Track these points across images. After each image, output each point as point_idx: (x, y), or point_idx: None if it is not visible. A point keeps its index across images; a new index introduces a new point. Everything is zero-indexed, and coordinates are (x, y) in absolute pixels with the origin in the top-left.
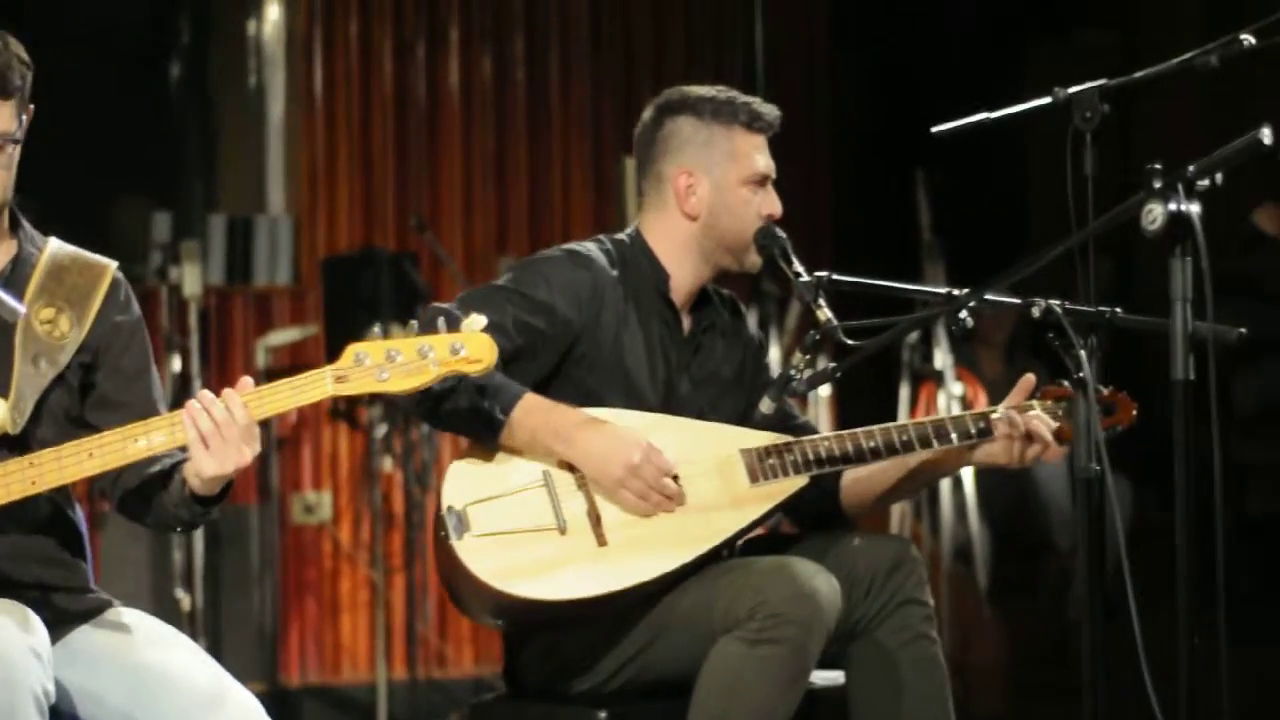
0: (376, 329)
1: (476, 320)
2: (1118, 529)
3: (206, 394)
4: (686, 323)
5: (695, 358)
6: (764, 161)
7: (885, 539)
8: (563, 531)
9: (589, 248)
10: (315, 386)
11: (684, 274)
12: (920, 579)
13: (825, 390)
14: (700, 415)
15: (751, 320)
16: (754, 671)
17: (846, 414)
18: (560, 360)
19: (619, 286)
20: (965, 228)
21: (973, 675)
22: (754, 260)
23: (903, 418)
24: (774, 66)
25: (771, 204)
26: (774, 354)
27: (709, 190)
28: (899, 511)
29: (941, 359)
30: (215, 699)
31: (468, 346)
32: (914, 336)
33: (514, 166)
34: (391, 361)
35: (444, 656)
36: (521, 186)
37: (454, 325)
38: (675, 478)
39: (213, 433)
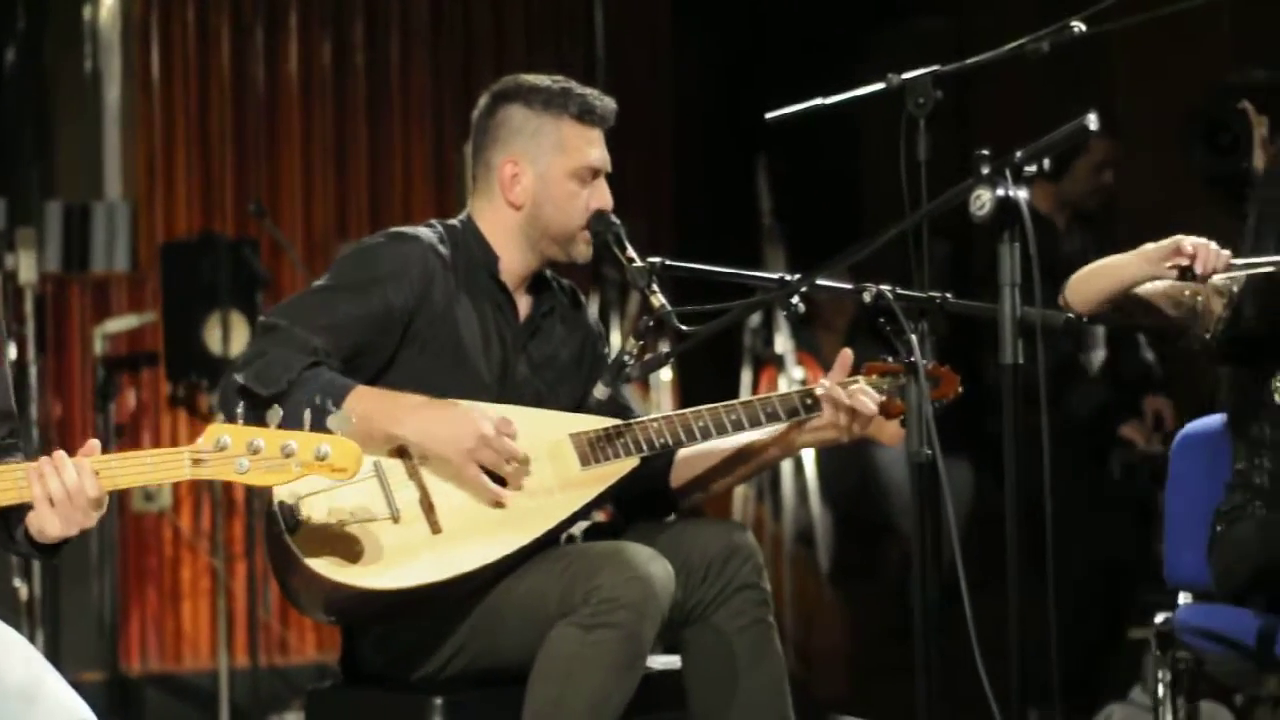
0: (215, 316)
1: (343, 420)
2: (949, 512)
3: (60, 455)
4: (523, 306)
5: (533, 341)
6: (594, 155)
7: (720, 525)
8: (395, 520)
9: (417, 229)
10: (171, 468)
11: (513, 259)
12: (756, 564)
13: (667, 375)
14: (538, 398)
15: (593, 306)
16: (589, 657)
17: (689, 398)
18: (396, 345)
19: (449, 266)
20: (805, 213)
21: (815, 657)
22: (581, 250)
23: None
24: (615, 52)
25: (601, 198)
26: (615, 339)
27: (533, 180)
28: (741, 495)
29: (782, 343)
30: (28, 695)
31: (334, 453)
32: (756, 320)
33: (354, 152)
34: (254, 453)
35: (286, 644)
36: (361, 172)
37: (319, 422)
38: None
39: (62, 499)
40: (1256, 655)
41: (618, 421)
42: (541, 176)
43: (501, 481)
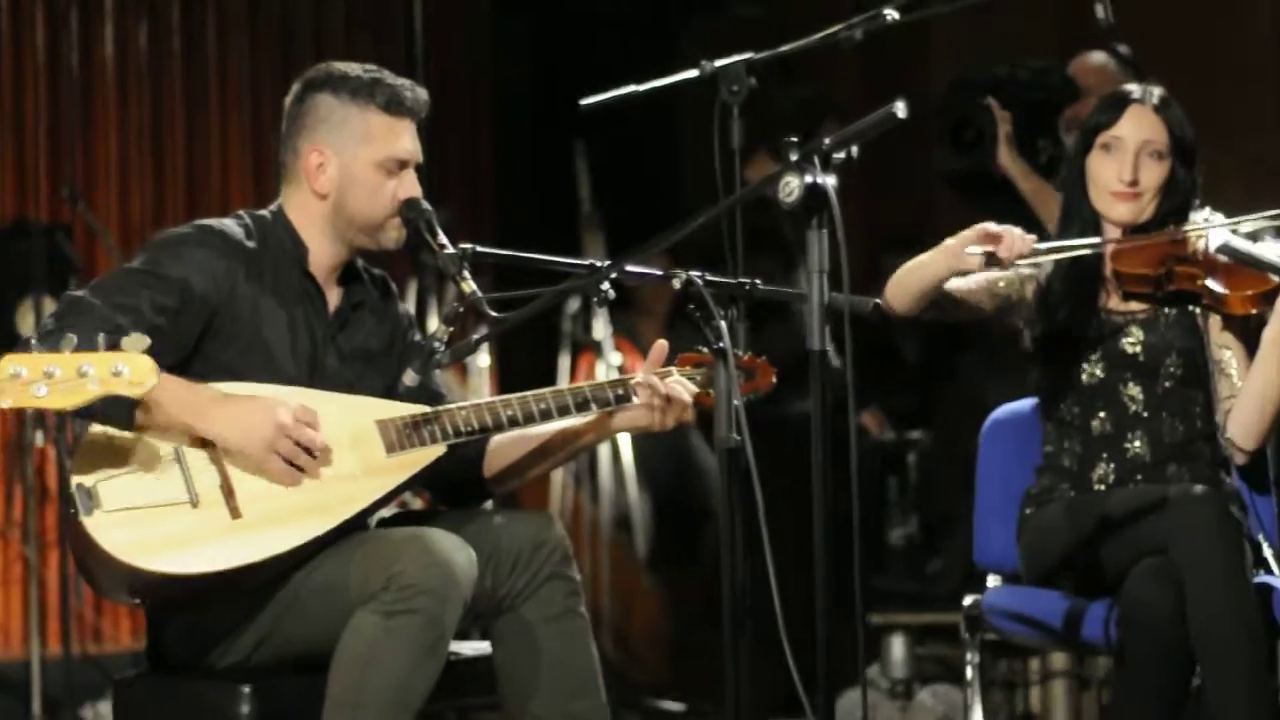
0: (29, 303)
1: (138, 340)
2: (759, 497)
3: None
4: (334, 298)
5: (343, 333)
6: (401, 146)
7: (529, 515)
8: (194, 505)
9: (224, 223)
10: None
11: (322, 249)
12: (565, 554)
13: (485, 360)
14: (348, 390)
15: (411, 292)
16: (389, 642)
17: (508, 383)
18: (199, 337)
19: (257, 260)
20: (625, 199)
21: (634, 642)
22: (391, 237)
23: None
24: (436, 40)
25: (408, 188)
26: (434, 325)
27: (338, 170)
28: (559, 481)
29: (600, 329)
30: None
31: (129, 368)
32: (575, 306)
33: (171, 138)
34: (49, 378)
35: (100, 632)
36: (178, 158)
37: (114, 342)
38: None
39: None
40: (1063, 637)
41: (426, 408)
42: (347, 166)
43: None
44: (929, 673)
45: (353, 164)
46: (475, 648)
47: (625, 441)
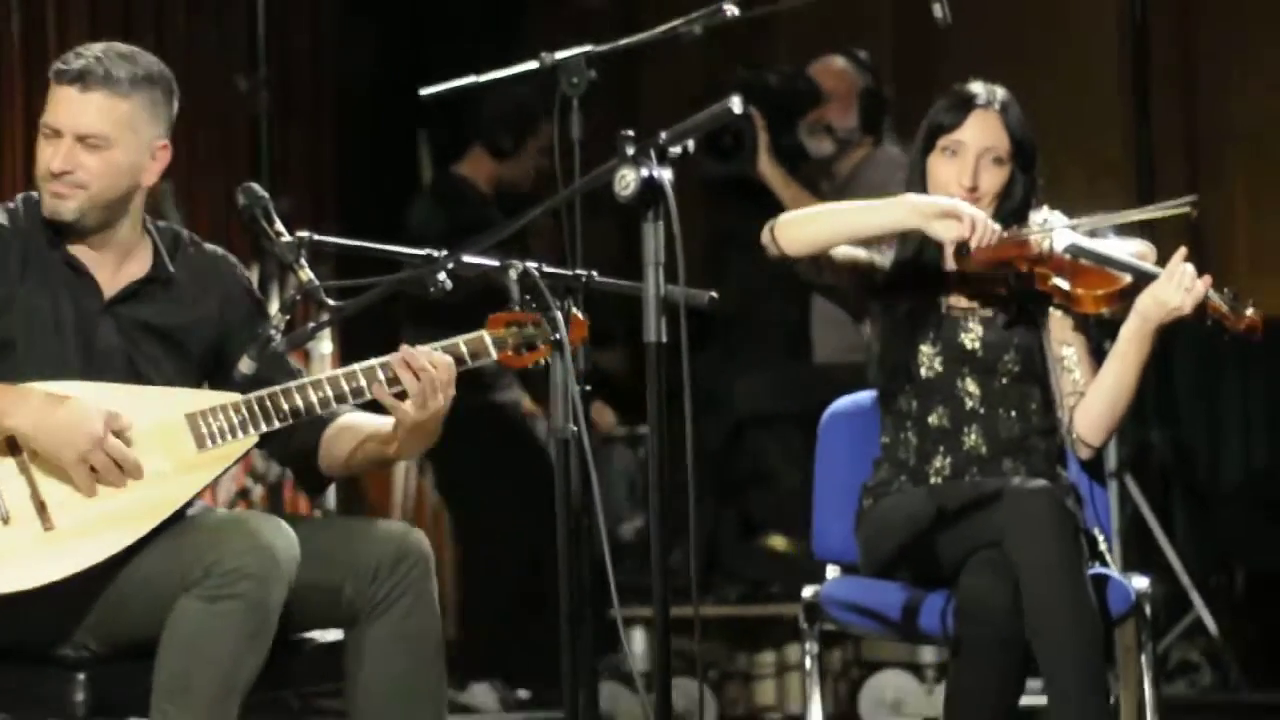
0: None
1: None
2: (594, 487)
3: None
4: (121, 274)
5: (126, 304)
6: (50, 113)
7: (393, 526)
8: (5, 521)
9: None
10: None
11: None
12: (426, 569)
13: (327, 348)
14: (130, 363)
15: (253, 279)
16: (214, 628)
17: None
18: None
19: (17, 241)
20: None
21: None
22: (48, 205)
23: None
24: (277, 26)
25: (52, 158)
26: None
27: None
28: (402, 467)
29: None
30: None
31: None
32: None
33: (9, 121)
34: None
35: None
36: (18, 142)
37: None
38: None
39: None
40: (900, 628)
41: (235, 397)
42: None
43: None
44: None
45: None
46: (315, 636)
47: None
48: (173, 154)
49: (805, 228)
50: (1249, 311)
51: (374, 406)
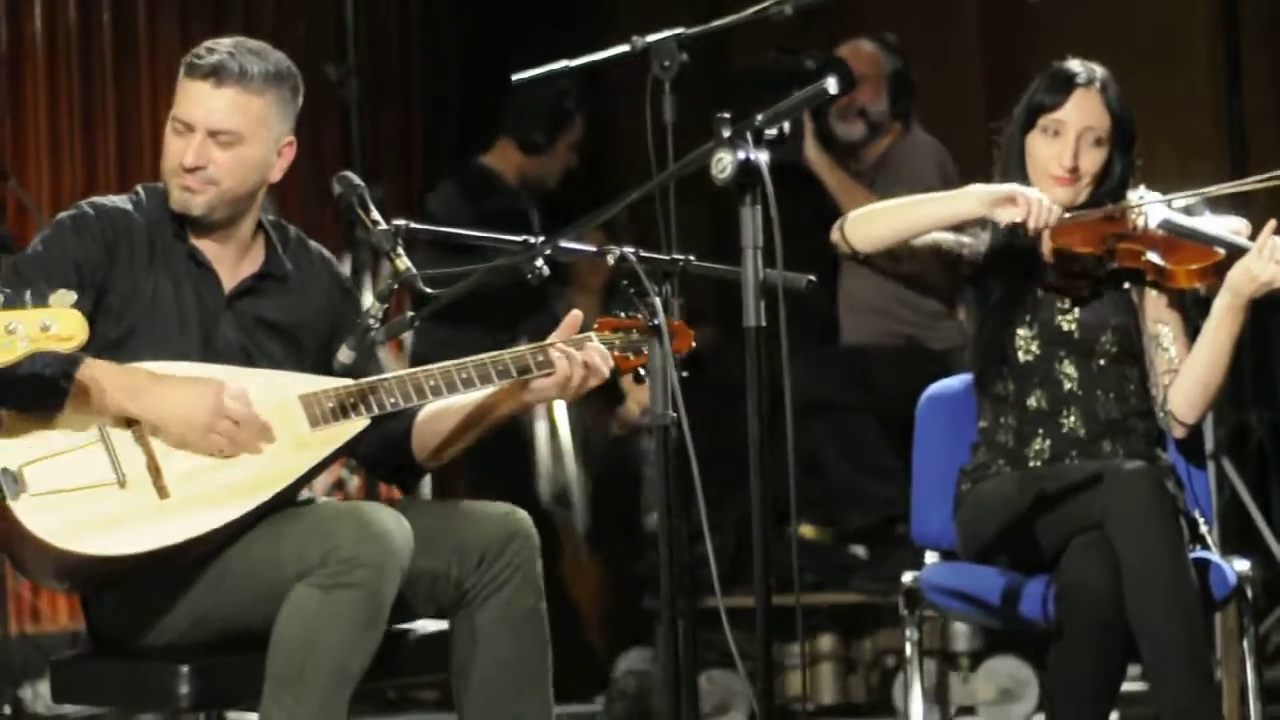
0: None
1: (65, 296)
2: (694, 473)
3: None
4: (241, 267)
5: (241, 301)
6: (185, 108)
7: (498, 508)
8: (122, 485)
9: (111, 198)
10: None
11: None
12: (533, 550)
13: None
14: (247, 358)
15: (346, 269)
16: (329, 617)
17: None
18: (91, 315)
19: (142, 233)
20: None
21: (575, 617)
22: (176, 199)
23: None
24: (366, 19)
25: (183, 153)
26: (369, 302)
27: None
28: None
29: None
30: None
31: (58, 323)
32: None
33: (101, 114)
34: None
35: (38, 611)
36: (110, 134)
37: (41, 300)
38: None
39: None
40: (1001, 613)
41: (347, 382)
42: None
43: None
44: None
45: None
46: (417, 626)
47: (563, 417)
48: None
49: (875, 224)
50: None
51: None
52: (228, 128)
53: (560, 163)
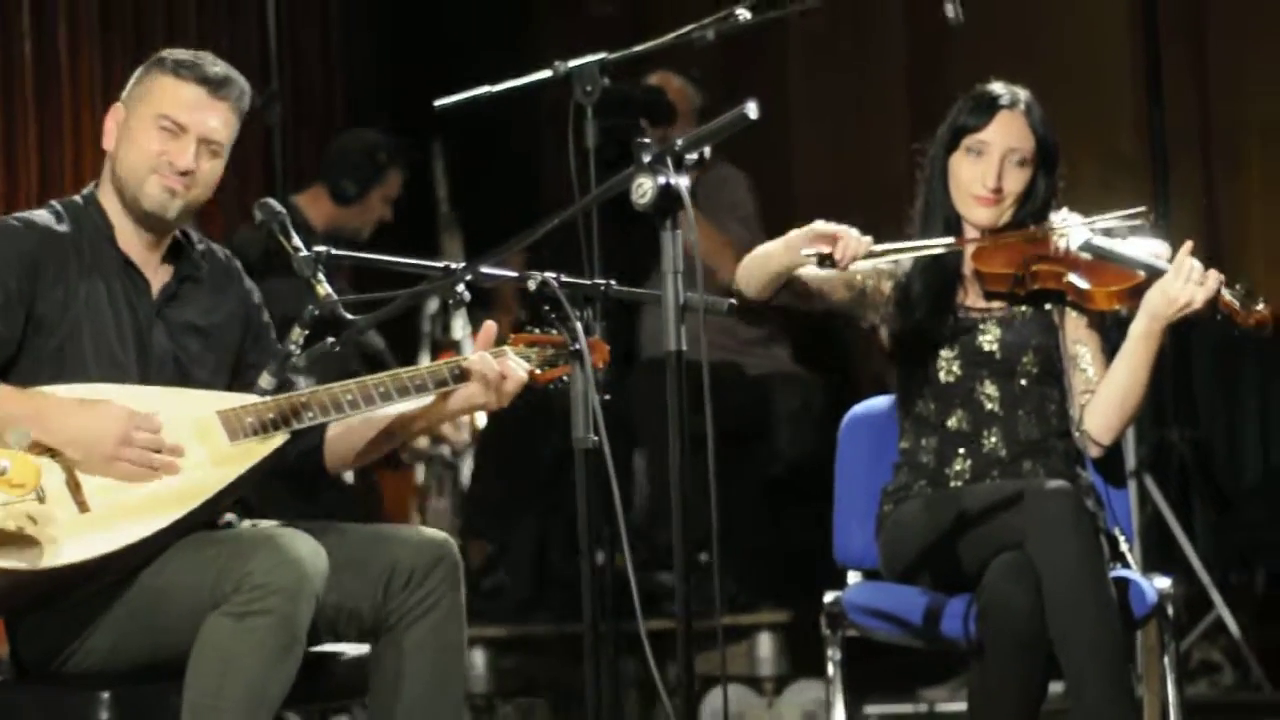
0: None
1: (21, 437)
2: (615, 497)
3: None
4: (161, 274)
5: (169, 307)
6: (182, 108)
7: (427, 534)
8: (41, 500)
9: (31, 212)
10: None
11: (125, 224)
12: (458, 578)
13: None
14: (180, 367)
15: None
16: (244, 645)
17: None
18: (20, 334)
19: (70, 243)
20: (483, 200)
21: None
22: (151, 195)
23: None
24: (289, 44)
25: (180, 154)
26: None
27: (123, 126)
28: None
29: (460, 328)
30: None
31: (13, 469)
32: (433, 307)
33: (22, 143)
34: None
35: None
36: (31, 163)
37: None
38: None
39: None
40: (923, 633)
41: (266, 398)
42: (128, 122)
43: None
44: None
45: (132, 117)
46: (340, 650)
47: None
48: None
49: (750, 276)
50: (1259, 307)
51: None
52: (219, 140)
53: (372, 215)
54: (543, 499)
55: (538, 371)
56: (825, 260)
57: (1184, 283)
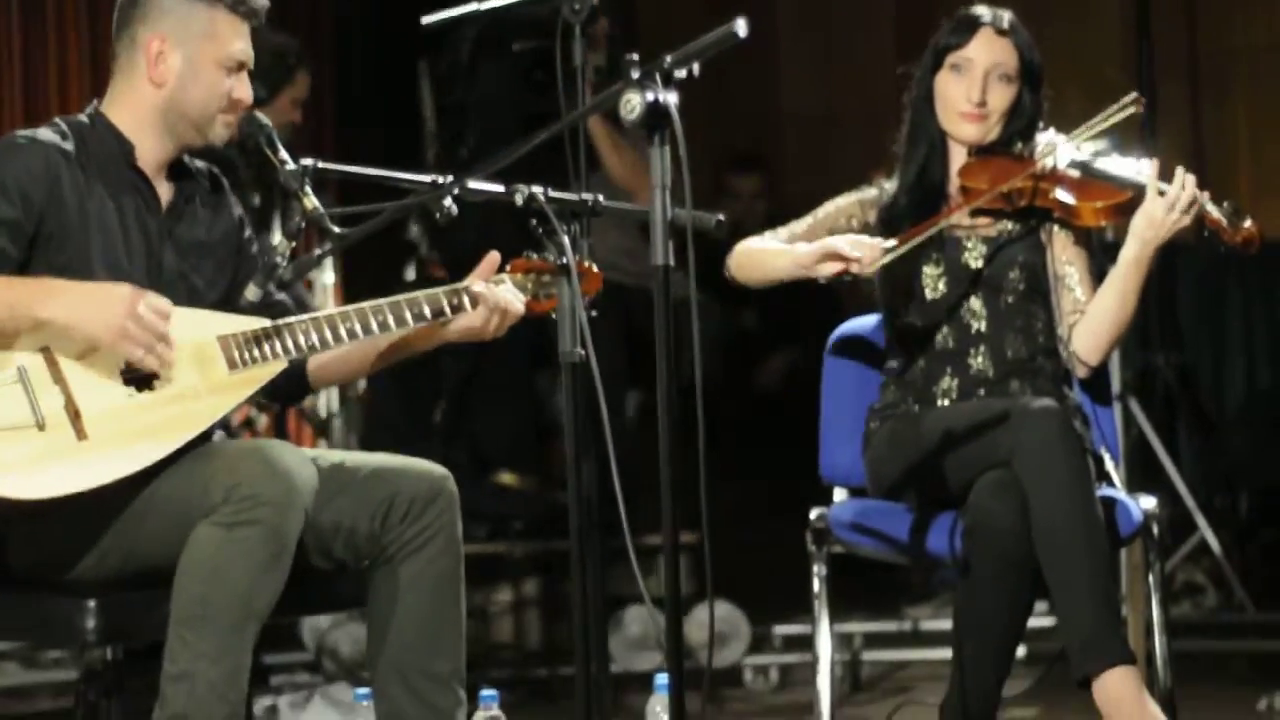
0: None
1: None
2: (602, 410)
3: None
4: (165, 193)
5: (178, 226)
6: (240, 47)
7: (424, 466)
8: (40, 427)
9: (35, 130)
10: None
11: (150, 145)
12: (456, 514)
13: (330, 277)
14: (188, 285)
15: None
16: (232, 554)
17: (353, 299)
18: (27, 251)
19: (76, 161)
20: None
21: None
22: (219, 134)
23: None
24: None
25: (243, 90)
26: (277, 240)
27: (180, 62)
28: None
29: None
30: None
31: None
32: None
33: (5, 52)
34: None
35: None
36: (15, 72)
37: None
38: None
39: None
40: (908, 549)
41: (266, 323)
42: (189, 60)
43: (150, 378)
44: None
45: (196, 57)
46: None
47: None
48: None
49: (749, 271)
50: (1246, 224)
51: None
52: (251, 66)
53: (283, 118)
54: (445, 423)
55: (534, 300)
56: (843, 275)
57: (1166, 203)
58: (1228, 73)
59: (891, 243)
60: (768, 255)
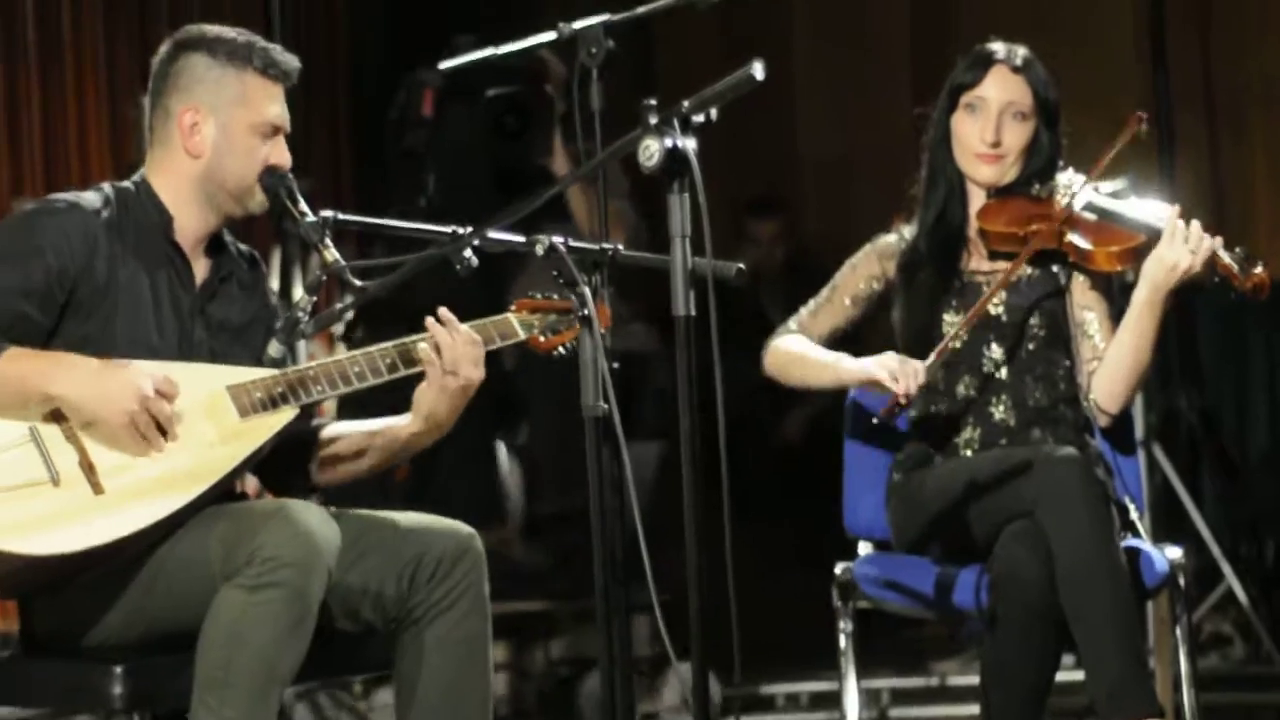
0: None
1: None
2: (625, 464)
3: None
4: (201, 269)
5: (211, 304)
6: (275, 111)
7: (450, 525)
8: (55, 483)
9: (80, 194)
10: None
11: (189, 217)
12: (483, 572)
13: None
14: (214, 360)
15: (276, 261)
16: (255, 618)
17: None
18: (57, 317)
19: (116, 229)
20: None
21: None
22: (258, 201)
23: None
24: (292, 8)
25: (280, 155)
26: (298, 294)
27: (215, 131)
28: None
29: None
30: None
31: None
32: None
33: (26, 107)
34: None
35: None
36: (35, 128)
37: None
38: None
39: None
40: (934, 604)
41: (274, 372)
42: (224, 127)
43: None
44: None
45: (230, 125)
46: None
47: None
48: None
49: (783, 373)
50: (1257, 270)
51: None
52: (287, 129)
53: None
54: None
55: (541, 338)
56: (894, 410)
57: (1178, 247)
58: (1245, 108)
59: (931, 359)
60: (809, 367)
